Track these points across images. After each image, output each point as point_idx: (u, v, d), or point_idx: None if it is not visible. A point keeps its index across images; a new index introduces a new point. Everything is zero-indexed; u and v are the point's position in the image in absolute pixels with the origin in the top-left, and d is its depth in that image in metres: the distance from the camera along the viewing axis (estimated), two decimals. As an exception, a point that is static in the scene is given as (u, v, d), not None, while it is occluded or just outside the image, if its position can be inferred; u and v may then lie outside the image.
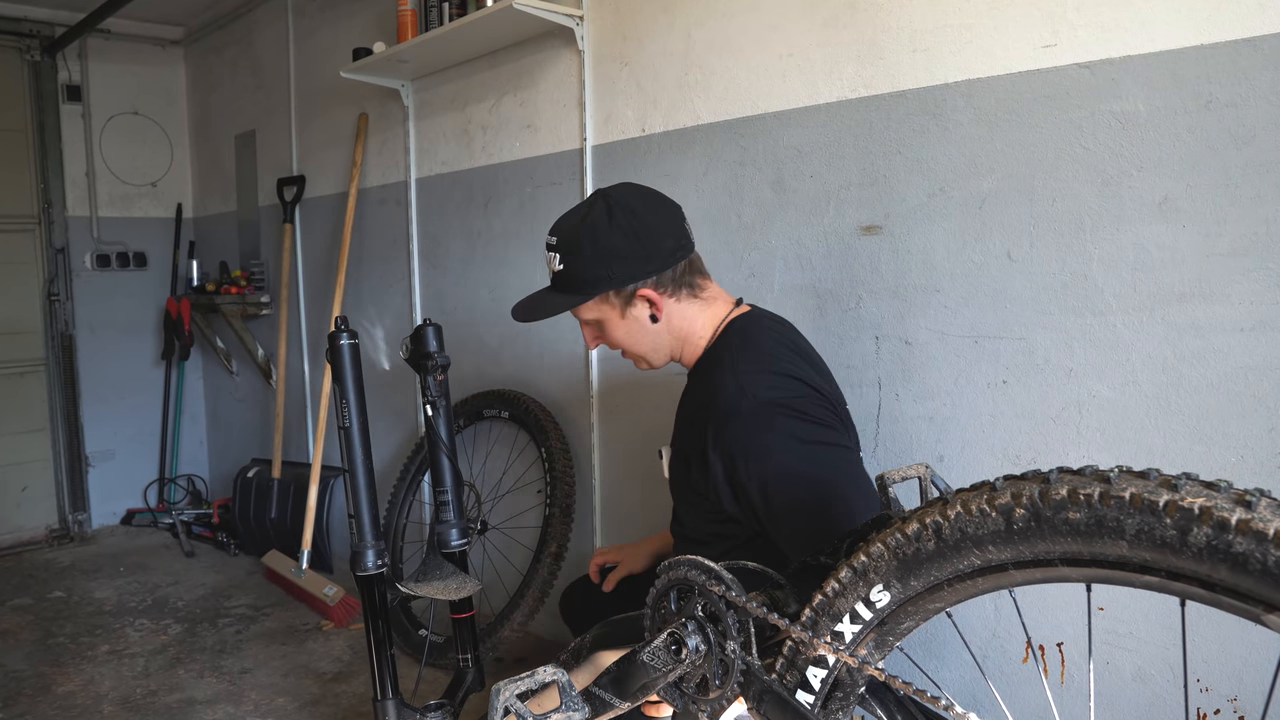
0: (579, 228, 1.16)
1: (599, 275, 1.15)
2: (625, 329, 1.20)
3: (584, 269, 1.15)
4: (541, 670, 0.86)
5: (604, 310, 1.19)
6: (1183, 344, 1.16)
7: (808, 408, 1.08)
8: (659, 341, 1.21)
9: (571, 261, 1.16)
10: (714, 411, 1.09)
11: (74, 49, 3.32)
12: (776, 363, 1.12)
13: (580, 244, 1.15)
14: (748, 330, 1.18)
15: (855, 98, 1.48)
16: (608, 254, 1.14)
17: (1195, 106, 1.13)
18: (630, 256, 1.14)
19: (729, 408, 1.07)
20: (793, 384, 1.10)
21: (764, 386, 1.08)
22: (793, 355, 1.16)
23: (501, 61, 2.19)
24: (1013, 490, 0.58)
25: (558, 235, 1.18)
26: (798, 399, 1.09)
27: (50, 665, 2.22)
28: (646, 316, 1.18)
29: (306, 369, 3.04)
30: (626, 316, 1.18)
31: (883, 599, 0.67)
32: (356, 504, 1.50)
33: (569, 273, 1.17)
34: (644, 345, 1.21)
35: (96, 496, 3.48)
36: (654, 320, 1.18)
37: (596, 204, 1.17)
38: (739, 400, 1.07)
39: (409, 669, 2.08)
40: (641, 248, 1.14)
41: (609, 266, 1.14)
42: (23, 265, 3.31)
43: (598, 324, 1.21)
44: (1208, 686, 1.16)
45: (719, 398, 1.09)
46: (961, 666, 1.41)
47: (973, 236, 1.35)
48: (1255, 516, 0.47)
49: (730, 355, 1.13)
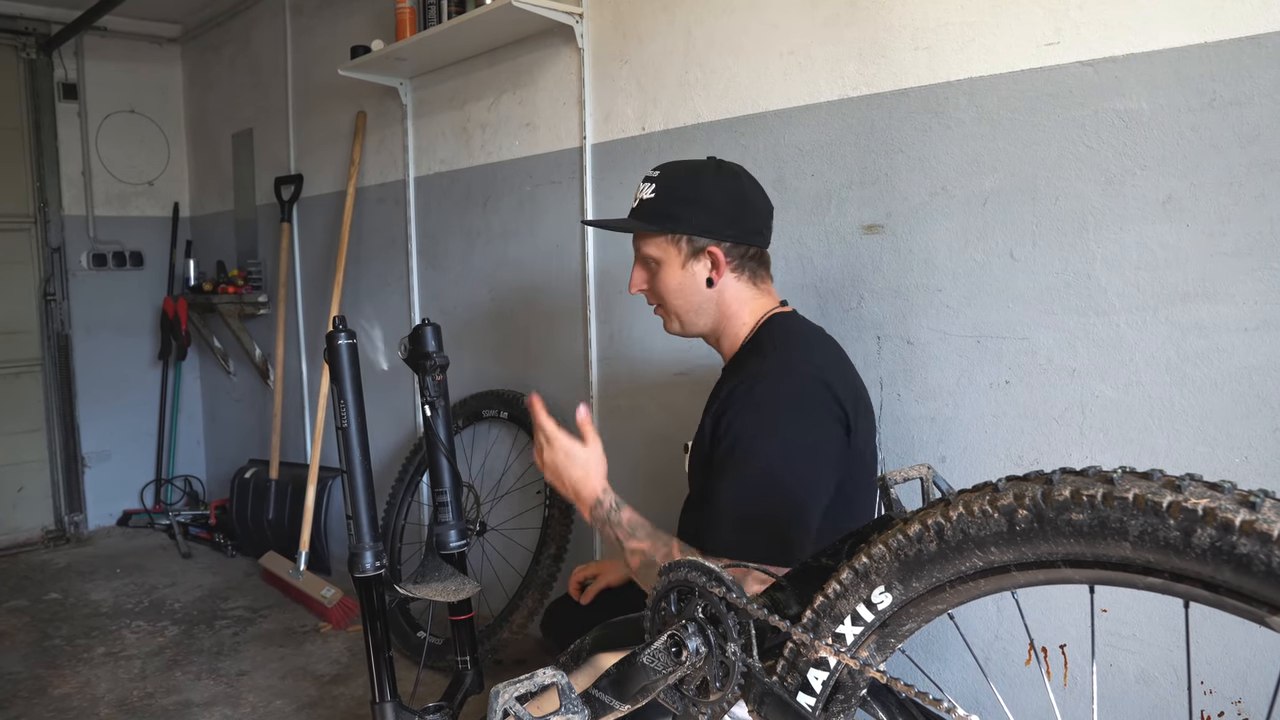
0: (684, 168, 1.20)
1: (681, 215, 1.17)
2: (679, 280, 1.20)
3: (671, 204, 1.17)
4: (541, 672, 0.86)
5: (668, 252, 1.19)
6: (1186, 344, 1.16)
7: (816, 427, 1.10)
8: (704, 307, 1.21)
9: (664, 192, 1.18)
10: (731, 383, 1.13)
11: (70, 47, 3.31)
12: (811, 364, 1.14)
13: (679, 181, 1.18)
14: (790, 327, 1.21)
15: (857, 96, 1.47)
16: (700, 200, 1.17)
17: (1199, 105, 1.13)
18: (719, 213, 1.17)
19: (744, 385, 1.11)
20: (819, 389, 1.11)
21: (788, 383, 1.11)
22: (829, 361, 1.18)
23: (500, 59, 2.18)
24: (1015, 491, 0.57)
25: (661, 170, 1.21)
26: (813, 411, 1.10)
27: (46, 667, 2.21)
28: (704, 277, 1.19)
29: (304, 369, 3.03)
30: (686, 268, 1.19)
31: (884, 600, 0.66)
32: (354, 505, 1.49)
33: (656, 202, 1.18)
34: (688, 303, 1.21)
35: (93, 497, 3.46)
36: (709, 284, 1.19)
37: (710, 161, 1.21)
38: (755, 383, 1.10)
39: (407, 671, 2.08)
40: (733, 211, 1.18)
41: (695, 212, 1.17)
42: (18, 265, 3.30)
43: (655, 264, 1.21)
44: (1211, 689, 1.16)
45: (740, 375, 1.13)
46: (964, 668, 1.41)
47: (975, 235, 1.34)
48: (1259, 518, 0.47)
49: (771, 346, 1.16)
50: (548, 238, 2.11)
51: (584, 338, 2.03)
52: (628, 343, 1.94)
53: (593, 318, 2.01)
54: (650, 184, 1.20)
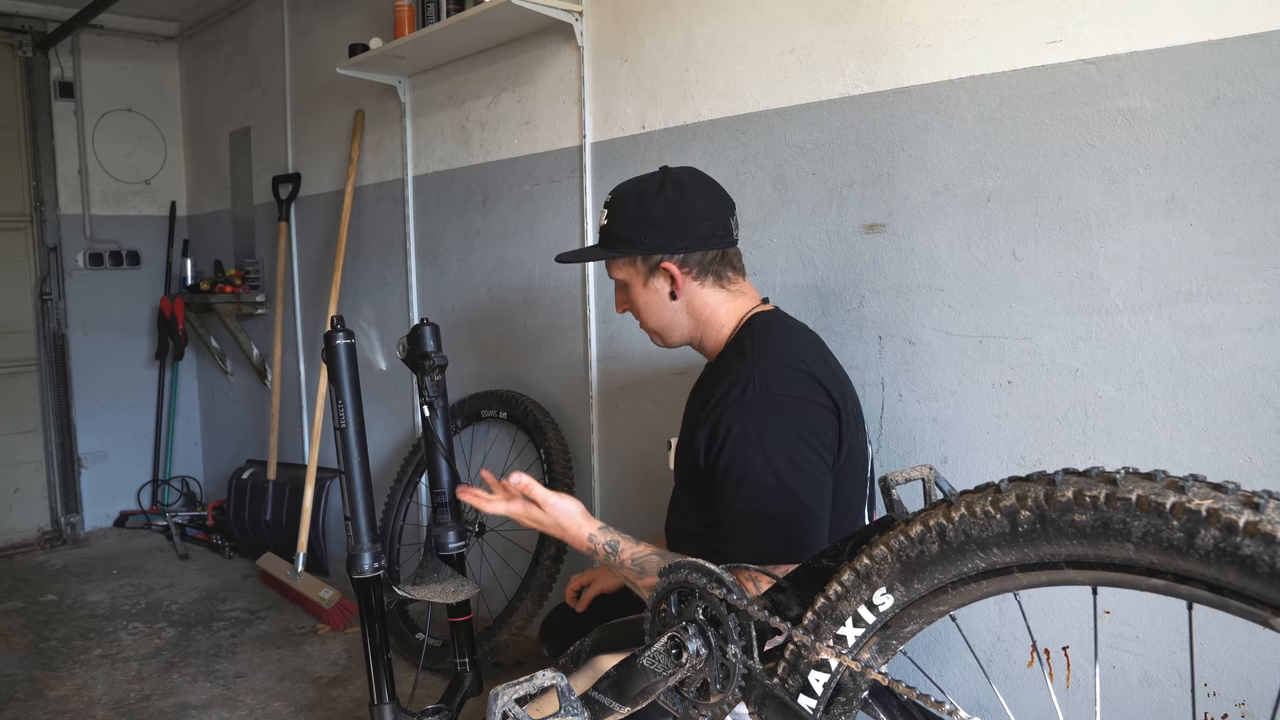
0: (631, 188, 1.23)
1: (632, 237, 1.19)
2: (645, 298, 1.23)
3: (622, 228, 1.20)
4: (540, 674, 0.85)
5: (630, 274, 1.23)
6: (1190, 344, 1.15)
7: (810, 420, 1.09)
8: (676, 320, 1.24)
9: (615, 217, 1.21)
10: (720, 389, 1.12)
11: (66, 45, 3.29)
12: (794, 357, 1.14)
13: (626, 204, 1.21)
14: (772, 325, 1.21)
15: (858, 94, 1.46)
16: (645, 219, 1.19)
17: (1202, 103, 1.12)
18: (664, 227, 1.19)
19: (736, 390, 1.10)
20: (807, 383, 1.11)
21: (776, 380, 1.10)
22: (813, 354, 1.18)
23: (500, 58, 2.17)
24: (1017, 492, 0.57)
25: (613, 193, 1.24)
26: (806, 405, 1.10)
27: (42, 669, 2.20)
28: (666, 291, 1.22)
29: (302, 369, 3.02)
30: (648, 286, 1.22)
31: (886, 602, 0.66)
32: (353, 506, 1.48)
33: (610, 229, 1.22)
34: (659, 319, 1.25)
35: (89, 498, 3.45)
36: (673, 297, 1.21)
37: (655, 174, 1.23)
38: (746, 387, 1.09)
39: (406, 673, 2.07)
40: (677, 223, 1.19)
41: (643, 231, 1.19)
42: (14, 264, 3.28)
43: (624, 286, 1.25)
44: (1215, 691, 1.15)
45: (728, 379, 1.12)
46: (966, 670, 1.40)
47: (977, 235, 1.33)
48: (1263, 518, 0.47)
49: (751, 345, 1.16)
50: (547, 237, 2.10)
51: (584, 337, 2.02)
52: (627, 342, 1.93)
53: (592, 318, 2.00)
54: (605, 210, 1.23)
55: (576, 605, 1.50)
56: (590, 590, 1.49)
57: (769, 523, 1.06)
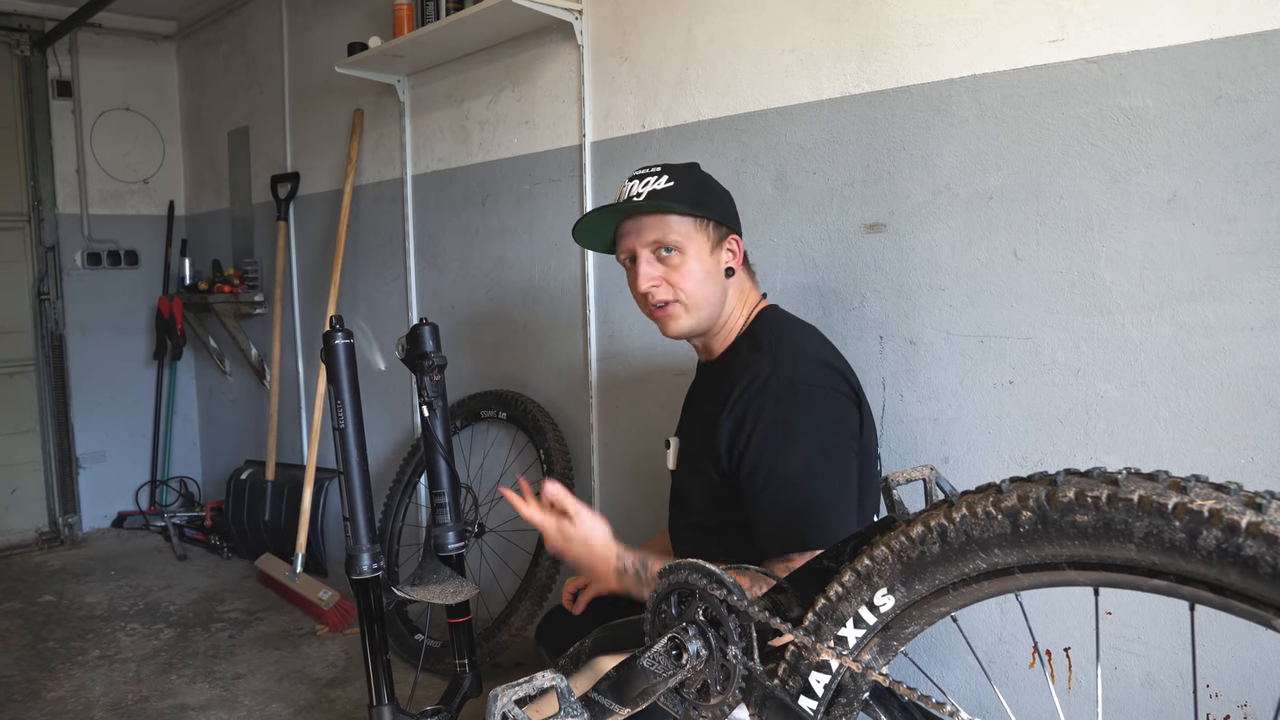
0: (686, 168, 1.19)
1: (705, 203, 1.17)
2: (706, 267, 1.17)
3: (695, 192, 1.16)
4: (540, 675, 0.85)
5: (697, 239, 1.16)
6: (1192, 344, 1.15)
7: (836, 409, 1.10)
8: (719, 297, 1.19)
9: (683, 182, 1.15)
10: (743, 382, 1.11)
11: (64, 44, 3.29)
12: (811, 348, 1.15)
13: (688, 177, 1.17)
14: (781, 318, 1.22)
15: (859, 93, 1.46)
16: (714, 192, 1.19)
17: (1205, 102, 1.12)
18: (728, 206, 1.21)
19: (759, 382, 1.09)
20: (828, 372, 1.13)
21: (798, 370, 1.10)
22: (825, 345, 1.20)
23: (499, 56, 2.17)
24: (1019, 492, 0.57)
25: (662, 167, 1.19)
26: (830, 394, 1.11)
27: (40, 670, 2.19)
28: (725, 265, 1.19)
29: (301, 369, 3.01)
30: (713, 255, 1.18)
31: (887, 603, 0.66)
32: (352, 506, 1.48)
33: (680, 190, 1.15)
34: (709, 294, 1.18)
35: (87, 499, 3.44)
36: (729, 274, 1.20)
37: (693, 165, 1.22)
38: (770, 378, 1.09)
39: (405, 674, 2.06)
40: (731, 204, 1.22)
41: (714, 201, 1.18)
42: (12, 264, 3.28)
43: (678, 253, 1.15)
44: (1217, 692, 1.15)
45: (749, 372, 1.11)
46: (967, 672, 1.40)
47: (978, 234, 1.33)
48: (1266, 519, 0.46)
49: (767, 338, 1.15)
50: (547, 236, 2.10)
51: (584, 337, 2.02)
52: (628, 342, 1.93)
53: (592, 317, 1.99)
54: (657, 176, 1.17)
55: (573, 607, 1.49)
56: (587, 592, 1.48)
57: (800, 513, 1.05)
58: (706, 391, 1.24)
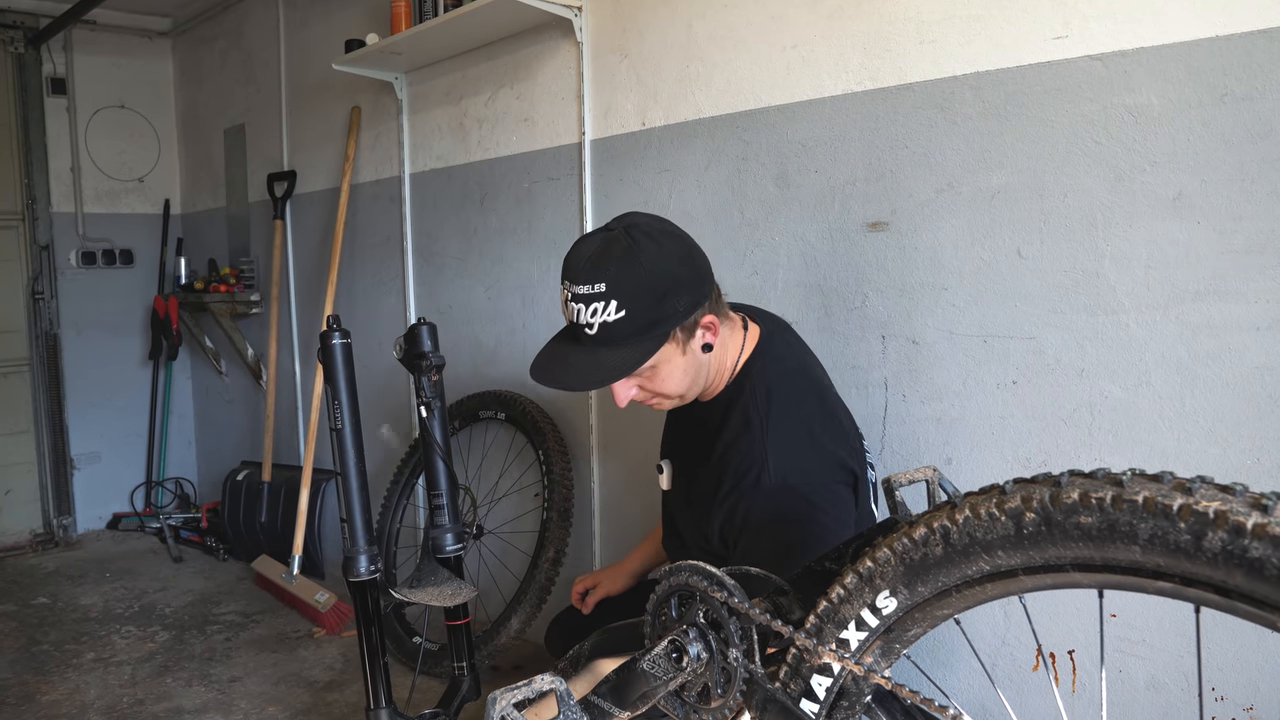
0: (631, 265, 1.00)
1: (666, 312, 1.01)
2: (684, 366, 1.06)
3: (649, 311, 1.00)
4: (539, 678, 0.84)
5: (667, 349, 1.04)
6: (1197, 343, 1.14)
7: (830, 506, 1.05)
8: (701, 374, 1.09)
9: (631, 302, 0.99)
10: (733, 469, 1.07)
11: (59, 41, 3.26)
12: (804, 426, 1.09)
13: (639, 283, 1.00)
14: (771, 375, 1.11)
15: (861, 91, 1.45)
16: (672, 286, 1.01)
17: (1210, 100, 1.11)
18: (689, 282, 1.03)
19: (750, 477, 1.05)
20: (823, 459, 1.07)
21: (792, 467, 1.05)
22: (819, 409, 1.12)
23: (498, 54, 2.16)
24: (1023, 494, 0.56)
25: (604, 279, 0.99)
26: (824, 493, 1.06)
27: (34, 673, 2.17)
28: (701, 347, 1.07)
29: (298, 369, 2.99)
30: (688, 351, 1.06)
31: (889, 605, 0.66)
32: (349, 508, 1.46)
33: (632, 319, 1.00)
34: (695, 380, 1.09)
35: (82, 500, 3.42)
36: (706, 349, 1.07)
37: (635, 237, 1.02)
38: (761, 474, 1.05)
39: (403, 677, 2.05)
40: (695, 270, 1.05)
41: (675, 299, 1.01)
42: (6, 263, 3.25)
43: (650, 371, 1.06)
44: (1223, 695, 1.14)
45: (741, 457, 1.07)
46: (970, 675, 1.39)
47: (981, 233, 1.32)
48: (1272, 520, 0.46)
49: (758, 418, 1.07)
50: (546, 235, 2.08)
51: (582, 337, 2.00)
52: (626, 342, 1.91)
53: (591, 317, 1.98)
54: (605, 302, 0.99)
55: (582, 607, 1.48)
56: (596, 593, 1.48)
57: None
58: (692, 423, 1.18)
